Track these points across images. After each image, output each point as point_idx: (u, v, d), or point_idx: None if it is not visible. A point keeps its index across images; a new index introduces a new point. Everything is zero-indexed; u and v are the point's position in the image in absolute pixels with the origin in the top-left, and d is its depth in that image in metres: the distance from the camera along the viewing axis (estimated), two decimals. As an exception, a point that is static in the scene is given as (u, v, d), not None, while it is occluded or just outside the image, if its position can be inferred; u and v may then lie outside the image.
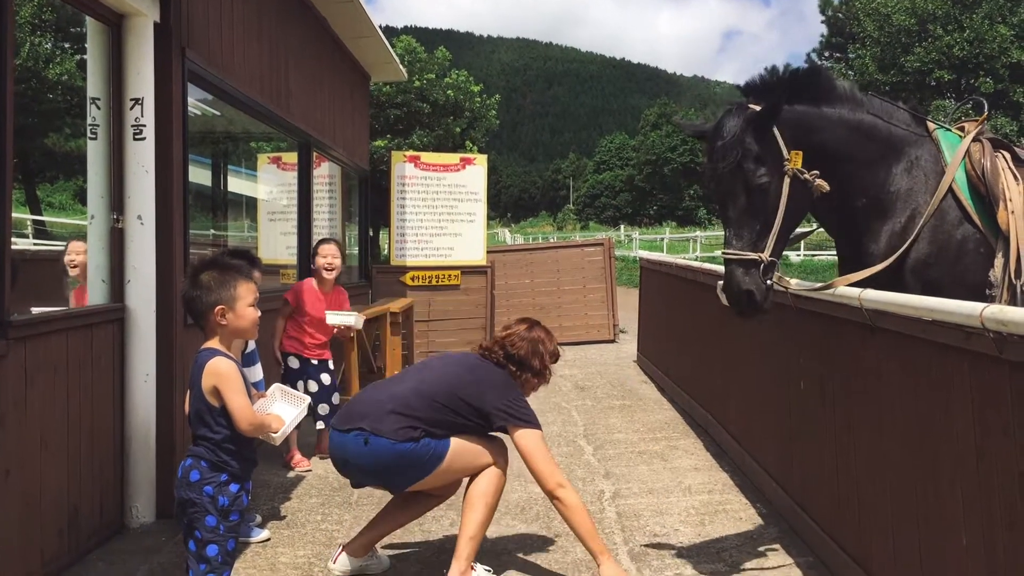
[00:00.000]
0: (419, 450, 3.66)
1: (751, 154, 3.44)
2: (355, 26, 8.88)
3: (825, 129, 3.63)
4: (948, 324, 2.69)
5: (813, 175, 3.51)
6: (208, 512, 2.98)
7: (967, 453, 2.65)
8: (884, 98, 3.94)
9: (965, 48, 38.46)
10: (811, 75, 3.76)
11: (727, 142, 3.46)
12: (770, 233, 3.47)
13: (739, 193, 3.48)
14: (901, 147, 3.75)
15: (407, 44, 29.80)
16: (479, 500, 3.79)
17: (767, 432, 5.05)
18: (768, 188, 3.46)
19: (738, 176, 3.45)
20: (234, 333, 3.14)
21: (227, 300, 3.07)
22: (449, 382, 3.83)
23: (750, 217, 3.48)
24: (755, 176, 3.45)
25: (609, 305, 13.44)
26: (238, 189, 9.36)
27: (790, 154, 3.47)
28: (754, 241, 3.47)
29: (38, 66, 13.16)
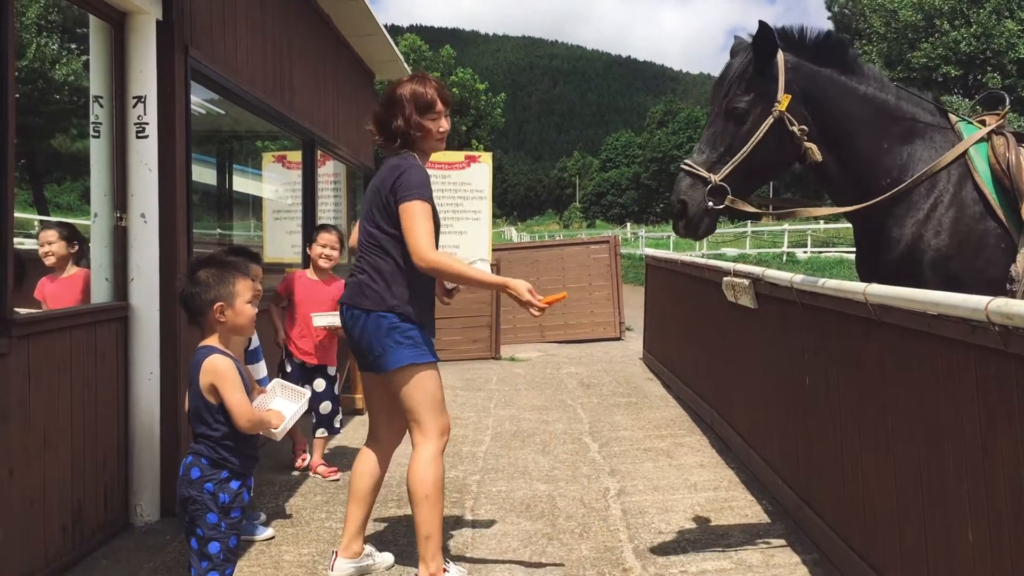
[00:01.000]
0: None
1: (742, 80, 3.57)
2: (359, 24, 8.87)
3: (849, 100, 3.64)
4: (953, 318, 2.67)
5: (802, 129, 3.55)
6: (209, 509, 2.98)
7: (973, 447, 2.63)
8: (909, 89, 3.93)
9: (972, 44, 38.34)
10: (840, 45, 3.77)
11: (729, 64, 3.65)
12: (731, 160, 3.55)
13: (719, 114, 3.62)
14: (925, 133, 3.73)
15: (412, 42, 29.83)
16: (421, 498, 3.57)
17: (772, 428, 5.03)
18: (744, 117, 3.56)
19: (722, 96, 3.60)
20: (232, 330, 3.14)
21: (226, 297, 3.07)
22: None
23: (719, 139, 3.60)
24: (735, 100, 3.56)
25: (615, 303, 13.43)
26: (243, 188, 9.36)
27: (781, 96, 3.52)
28: (712, 162, 3.58)
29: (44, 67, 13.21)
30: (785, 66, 3.56)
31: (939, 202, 3.62)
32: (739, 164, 3.53)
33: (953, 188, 3.63)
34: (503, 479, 5.49)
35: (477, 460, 5.97)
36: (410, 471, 3.63)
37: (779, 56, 3.58)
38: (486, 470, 5.71)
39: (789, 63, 3.57)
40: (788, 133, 3.55)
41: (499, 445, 6.42)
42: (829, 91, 3.62)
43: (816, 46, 3.66)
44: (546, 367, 10.56)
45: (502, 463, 5.89)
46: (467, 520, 4.70)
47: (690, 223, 3.57)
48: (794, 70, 3.57)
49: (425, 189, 3.61)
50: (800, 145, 3.57)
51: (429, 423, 3.63)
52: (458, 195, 10.89)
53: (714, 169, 3.54)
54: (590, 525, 4.60)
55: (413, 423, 3.65)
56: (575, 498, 5.07)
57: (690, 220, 3.56)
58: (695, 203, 3.54)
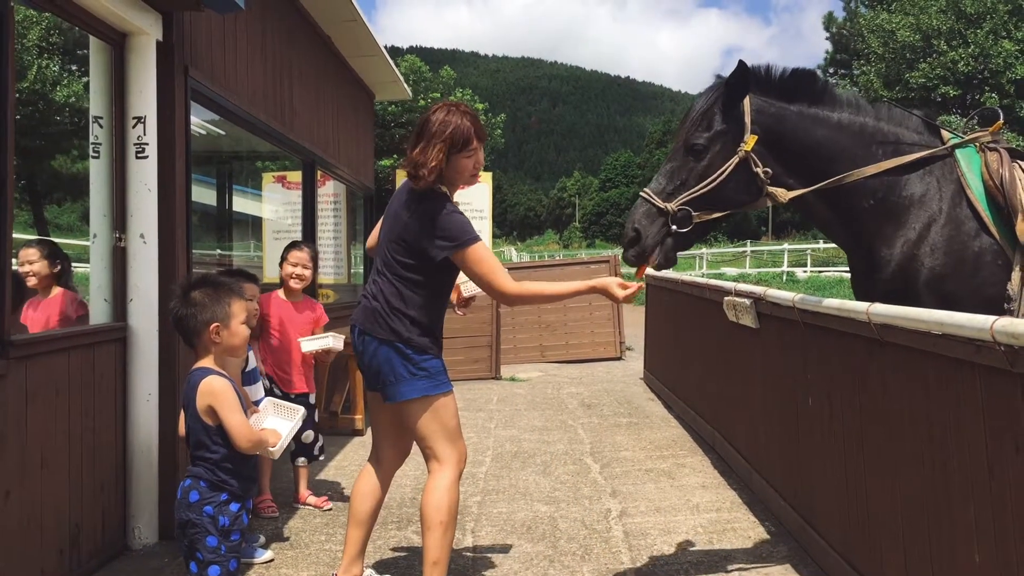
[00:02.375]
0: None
1: (706, 118, 3.59)
2: (359, 45, 8.90)
3: (820, 130, 3.63)
4: (958, 338, 2.65)
5: (765, 172, 3.55)
6: (209, 532, 2.95)
7: (979, 468, 2.61)
8: (898, 105, 3.92)
9: (970, 64, 38.51)
10: (808, 78, 3.74)
11: (699, 102, 3.67)
12: (687, 192, 3.55)
13: (679, 148, 3.64)
14: (910, 153, 3.70)
15: (411, 63, 29.96)
16: (435, 523, 3.51)
17: (775, 449, 5.00)
18: (702, 153, 3.57)
19: (684, 132, 3.63)
20: (227, 351, 3.12)
21: (222, 317, 3.06)
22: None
23: (677, 172, 3.61)
24: (695, 136, 3.58)
25: (615, 322, 13.41)
26: (242, 208, 9.37)
27: (747, 137, 3.53)
28: (669, 192, 3.57)
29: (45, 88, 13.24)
30: (750, 107, 3.56)
31: (932, 220, 3.60)
32: (693, 199, 3.54)
33: (947, 206, 3.60)
34: (504, 500, 5.45)
35: (478, 481, 5.93)
36: (425, 496, 3.56)
37: (746, 98, 3.58)
38: (487, 491, 5.67)
39: (754, 104, 3.57)
40: (752, 174, 3.56)
41: (500, 466, 6.38)
42: (800, 125, 3.61)
43: (783, 82, 3.66)
44: (547, 387, 10.53)
45: (503, 484, 5.85)
46: (468, 542, 4.66)
47: (642, 252, 3.54)
48: (759, 112, 3.57)
49: (472, 228, 3.55)
50: (762, 188, 3.57)
51: (446, 452, 3.57)
52: (458, 215, 10.88)
53: (670, 199, 3.55)
54: (592, 547, 4.56)
55: (429, 452, 3.59)
56: (576, 520, 5.03)
57: (643, 249, 3.54)
58: (650, 234, 3.52)
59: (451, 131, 3.49)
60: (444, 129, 3.50)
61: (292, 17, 7.22)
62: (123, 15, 4.20)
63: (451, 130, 3.50)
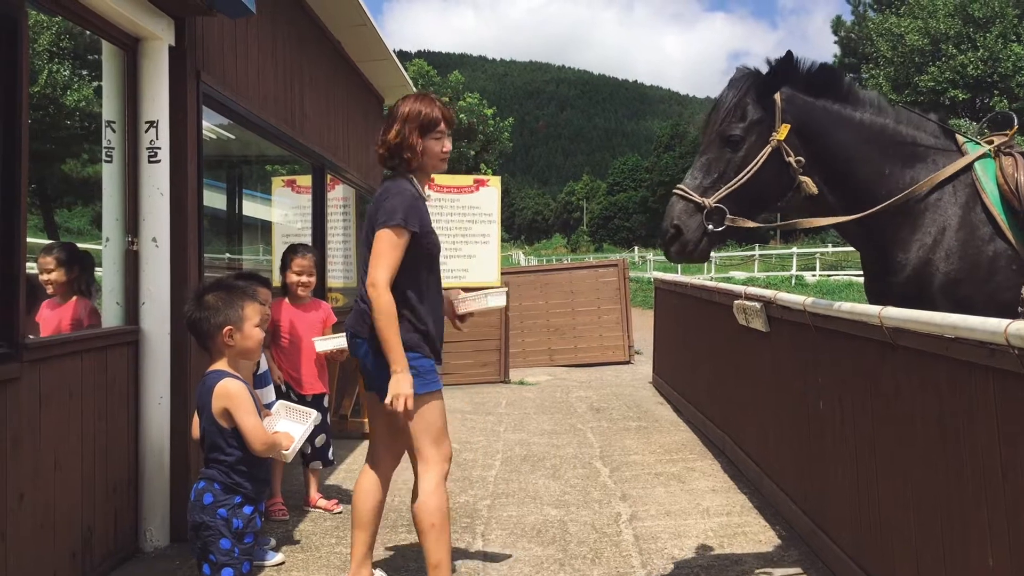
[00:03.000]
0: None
1: (739, 108, 3.54)
2: (369, 50, 8.92)
3: (844, 129, 3.61)
4: (971, 341, 2.64)
5: (798, 161, 3.52)
6: (222, 535, 2.96)
7: (992, 472, 2.60)
8: (913, 109, 3.91)
9: (979, 67, 38.44)
10: (832, 74, 3.73)
11: (725, 93, 3.60)
12: (725, 186, 3.48)
13: (713, 140, 3.57)
14: (927, 156, 3.69)
15: (420, 68, 30.03)
16: (427, 527, 3.54)
17: (785, 453, 4.99)
18: (739, 144, 3.51)
19: (717, 124, 3.56)
20: (240, 354, 3.13)
21: (235, 320, 3.07)
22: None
23: (713, 165, 3.54)
24: (731, 127, 3.52)
25: (624, 326, 13.40)
26: (253, 212, 9.39)
27: (779, 126, 3.50)
28: (706, 187, 3.50)
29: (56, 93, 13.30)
30: (781, 97, 3.55)
31: (947, 225, 3.59)
32: (733, 191, 3.48)
33: (961, 210, 3.59)
34: (513, 504, 5.45)
35: (487, 485, 5.93)
36: (413, 502, 3.61)
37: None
38: (496, 495, 5.67)
39: (784, 94, 3.55)
40: (784, 164, 3.52)
41: (509, 470, 6.38)
42: (824, 122, 3.60)
43: (809, 77, 3.64)
44: (555, 391, 10.52)
45: (512, 488, 5.85)
46: (477, 546, 4.66)
47: (684, 247, 3.48)
48: (788, 101, 3.55)
49: (398, 215, 3.48)
50: (795, 177, 3.54)
51: (430, 452, 3.61)
52: (467, 219, 10.90)
53: (707, 194, 3.48)
54: (602, 551, 4.56)
55: (416, 451, 3.63)
56: (586, 523, 5.03)
57: (685, 245, 3.47)
58: (690, 229, 3.45)
59: (420, 115, 3.62)
60: (414, 114, 3.62)
61: (302, 22, 7.24)
62: (136, 20, 4.22)
63: (420, 114, 3.62)
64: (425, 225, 3.61)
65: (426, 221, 3.63)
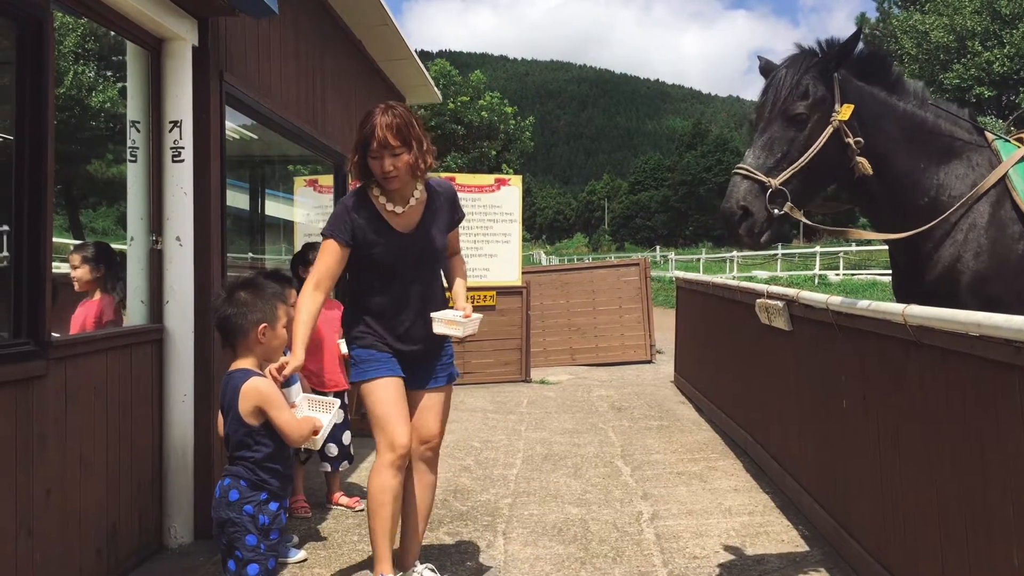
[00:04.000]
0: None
1: (801, 87, 3.44)
2: (390, 49, 8.95)
3: (890, 118, 3.57)
4: (996, 339, 2.62)
5: (857, 142, 3.44)
6: (248, 531, 2.98)
7: (1018, 471, 2.57)
8: (947, 104, 3.88)
9: (1005, 64, 38.02)
10: (884, 61, 3.69)
11: (786, 71, 3.49)
12: (790, 166, 3.38)
13: (775, 119, 3.45)
14: (962, 152, 3.66)
15: (441, 67, 30.08)
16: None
17: (808, 452, 4.96)
18: (804, 123, 3.42)
19: (780, 102, 3.44)
20: (266, 352, 3.15)
21: (271, 319, 3.10)
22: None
23: (776, 144, 3.43)
24: (795, 106, 3.42)
25: (645, 325, 13.36)
26: (274, 212, 9.44)
27: (840, 107, 3.43)
28: (770, 167, 3.39)
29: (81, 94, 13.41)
30: (838, 78, 3.50)
31: (977, 222, 3.56)
32: (797, 171, 3.37)
33: (991, 208, 3.56)
34: (535, 502, 5.45)
35: (509, 483, 5.94)
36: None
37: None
38: (518, 493, 5.68)
39: (840, 76, 3.50)
40: (843, 145, 3.45)
41: (530, 468, 6.38)
42: (873, 108, 3.55)
43: (862, 62, 3.59)
44: (577, 390, 10.52)
45: (534, 486, 5.85)
46: (499, 543, 4.67)
47: (752, 230, 3.33)
48: (845, 83, 3.51)
49: (330, 223, 3.66)
50: (851, 159, 3.47)
51: (377, 439, 3.69)
52: (488, 218, 10.92)
53: (771, 174, 3.36)
54: (624, 549, 4.56)
55: None
56: (608, 522, 5.02)
57: (753, 226, 3.33)
58: (759, 211, 3.31)
59: (361, 132, 3.61)
60: (359, 128, 3.63)
61: (324, 22, 7.27)
62: (160, 21, 4.26)
63: (361, 131, 3.61)
64: (362, 237, 3.66)
65: (363, 233, 3.66)
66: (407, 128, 3.60)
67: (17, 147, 3.40)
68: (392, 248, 3.71)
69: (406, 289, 3.79)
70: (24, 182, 3.40)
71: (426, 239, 3.79)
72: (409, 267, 3.77)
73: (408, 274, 3.78)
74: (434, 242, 3.82)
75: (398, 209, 3.73)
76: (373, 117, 3.59)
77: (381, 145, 3.54)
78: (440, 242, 3.86)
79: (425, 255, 3.81)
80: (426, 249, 3.80)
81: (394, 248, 3.72)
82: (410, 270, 3.77)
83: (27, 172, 3.40)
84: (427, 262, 3.84)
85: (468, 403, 9.33)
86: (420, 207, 3.80)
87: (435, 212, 3.85)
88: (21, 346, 3.35)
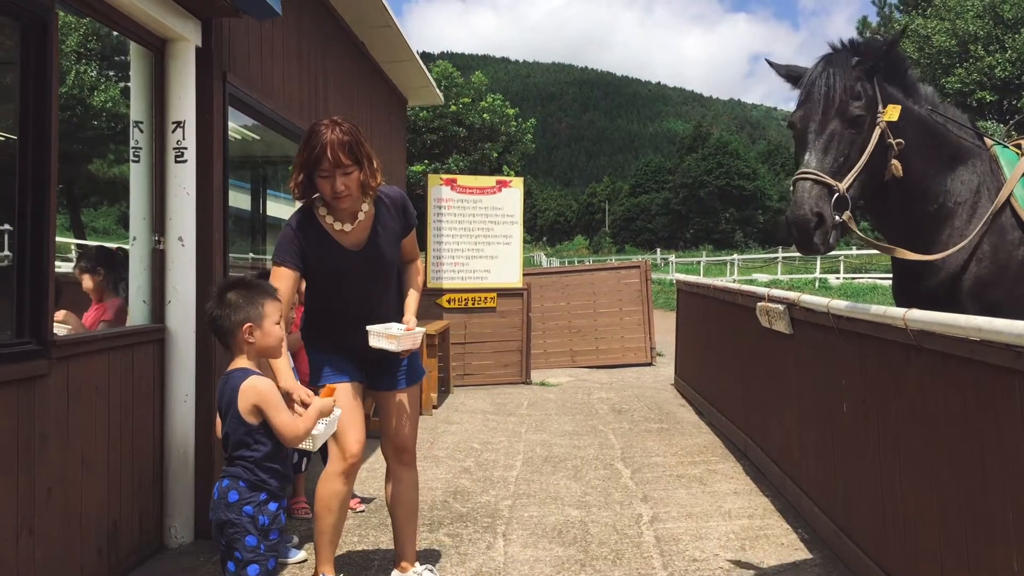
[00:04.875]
0: None
1: (854, 86, 3.34)
2: (393, 51, 8.97)
3: (909, 121, 3.53)
4: (997, 344, 2.63)
5: (898, 143, 3.38)
6: (248, 532, 2.98)
7: (1018, 475, 2.58)
8: (953, 109, 3.86)
9: (1007, 69, 37.99)
10: (904, 63, 3.64)
11: (832, 71, 3.37)
12: (852, 168, 3.27)
13: (831, 120, 3.32)
14: (967, 158, 3.65)
15: (443, 69, 30.08)
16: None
17: (809, 456, 4.97)
18: (861, 124, 3.32)
19: (835, 102, 3.33)
20: (261, 352, 3.15)
21: (255, 318, 3.09)
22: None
23: (836, 146, 3.30)
24: (852, 106, 3.31)
25: (646, 328, 13.37)
26: (276, 213, 9.44)
27: (885, 107, 3.36)
28: (835, 170, 3.26)
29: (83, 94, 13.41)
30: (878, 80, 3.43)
31: (969, 227, 3.57)
32: (857, 174, 3.28)
33: (992, 214, 3.57)
34: (535, 504, 5.46)
35: (508, 485, 5.94)
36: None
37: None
38: (518, 495, 5.68)
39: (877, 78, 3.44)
40: (886, 147, 3.39)
41: (530, 470, 6.39)
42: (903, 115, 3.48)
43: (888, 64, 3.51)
44: (577, 392, 10.52)
45: (534, 488, 5.86)
46: (499, 545, 4.67)
47: (826, 236, 3.20)
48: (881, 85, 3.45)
49: (279, 249, 3.58)
50: (890, 160, 3.40)
51: (329, 443, 3.71)
52: (489, 220, 10.92)
53: (837, 177, 3.25)
54: (623, 552, 4.56)
55: None
56: (608, 524, 5.03)
57: (827, 232, 3.20)
58: (830, 217, 3.19)
59: (305, 149, 3.47)
60: (304, 147, 3.48)
61: (327, 23, 7.29)
62: (164, 21, 4.27)
63: (305, 149, 3.47)
64: (312, 257, 3.62)
65: (312, 254, 3.61)
66: (357, 146, 3.50)
67: (20, 146, 3.41)
68: (340, 266, 3.66)
69: (357, 302, 3.75)
70: (27, 181, 3.41)
71: (375, 255, 3.71)
72: (359, 283, 3.71)
73: (358, 289, 3.73)
74: (384, 257, 3.75)
75: (346, 227, 3.64)
76: (320, 135, 3.43)
77: (333, 164, 3.41)
78: (391, 255, 3.78)
79: (375, 270, 3.75)
80: (376, 264, 3.74)
81: (342, 266, 3.66)
82: (361, 286, 3.72)
83: (30, 171, 3.42)
84: (378, 276, 3.78)
85: (468, 405, 9.34)
86: (368, 222, 3.70)
87: (384, 224, 3.75)
88: (23, 345, 3.36)
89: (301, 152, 3.50)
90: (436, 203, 10.72)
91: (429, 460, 6.51)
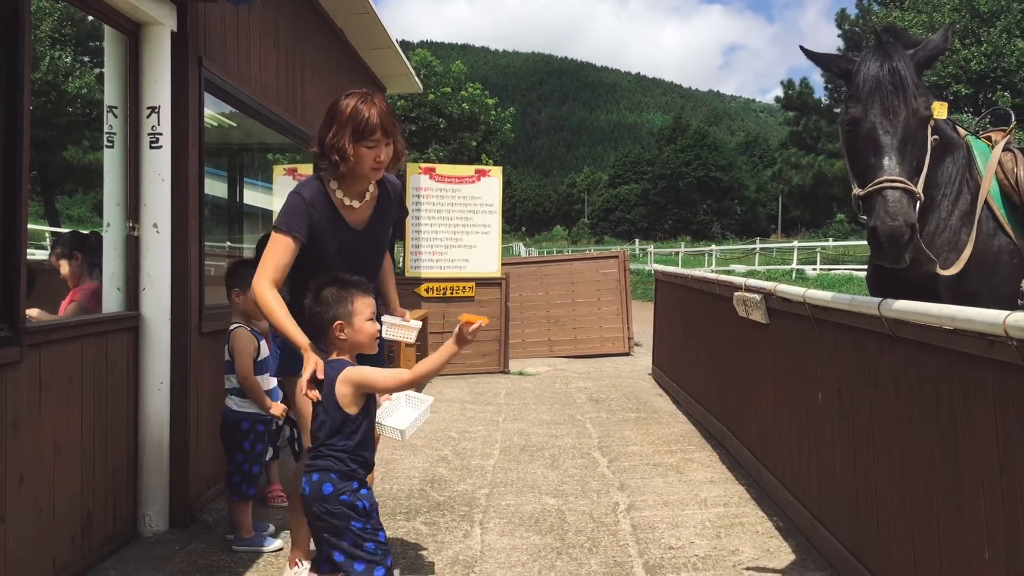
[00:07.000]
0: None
1: (921, 84, 3.23)
2: (371, 38, 8.92)
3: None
4: (970, 333, 2.65)
5: (935, 139, 3.29)
6: (351, 518, 3.06)
7: (990, 464, 2.60)
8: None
9: (983, 62, 38.34)
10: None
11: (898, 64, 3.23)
12: (921, 171, 3.18)
13: (906, 119, 3.18)
14: (953, 149, 3.65)
15: (422, 57, 29.94)
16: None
17: (784, 445, 5.00)
18: (925, 124, 3.21)
19: (908, 100, 3.19)
20: (354, 347, 3.23)
21: (344, 315, 3.15)
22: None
23: (911, 147, 3.18)
24: (921, 105, 3.18)
25: (624, 318, 13.41)
26: (253, 201, 9.38)
27: (933, 104, 3.25)
28: (910, 175, 3.13)
29: (57, 80, 13.26)
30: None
31: (954, 221, 3.59)
32: (924, 178, 3.18)
33: (967, 206, 3.59)
34: (512, 493, 5.46)
35: (486, 474, 5.95)
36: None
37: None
38: (495, 484, 5.69)
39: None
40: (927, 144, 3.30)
41: (508, 459, 6.39)
42: None
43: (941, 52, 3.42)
44: (555, 382, 10.54)
45: (511, 477, 5.86)
46: (476, 533, 4.68)
47: (911, 248, 3.09)
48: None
49: (288, 217, 3.48)
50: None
51: (303, 432, 3.66)
52: (468, 209, 10.90)
53: (914, 181, 3.13)
54: (600, 540, 4.58)
55: None
56: (584, 513, 5.04)
57: (916, 243, 3.11)
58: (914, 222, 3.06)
59: (356, 118, 3.41)
60: (351, 116, 3.42)
61: (304, 9, 7.23)
62: (138, 5, 4.22)
63: (356, 117, 3.41)
64: (317, 233, 3.52)
65: (319, 228, 3.52)
66: (395, 119, 3.54)
67: (-9, 132, 3.36)
68: (343, 244, 3.61)
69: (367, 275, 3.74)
70: (-1, 167, 3.36)
71: (374, 235, 3.71)
72: (355, 263, 3.60)
73: (353, 270, 3.58)
74: (380, 239, 3.75)
75: (355, 204, 3.61)
76: (369, 104, 3.43)
77: (384, 132, 3.43)
78: (384, 238, 3.80)
79: (372, 252, 3.73)
80: (373, 245, 3.72)
81: (345, 244, 3.61)
82: (355, 266, 3.60)
83: (2, 158, 3.36)
84: (372, 257, 3.76)
85: (446, 394, 9.33)
86: (372, 202, 3.68)
87: (384, 207, 3.74)
88: (-5, 332, 3.32)
89: (346, 124, 3.41)
90: (415, 192, 10.69)
91: (407, 449, 6.50)
